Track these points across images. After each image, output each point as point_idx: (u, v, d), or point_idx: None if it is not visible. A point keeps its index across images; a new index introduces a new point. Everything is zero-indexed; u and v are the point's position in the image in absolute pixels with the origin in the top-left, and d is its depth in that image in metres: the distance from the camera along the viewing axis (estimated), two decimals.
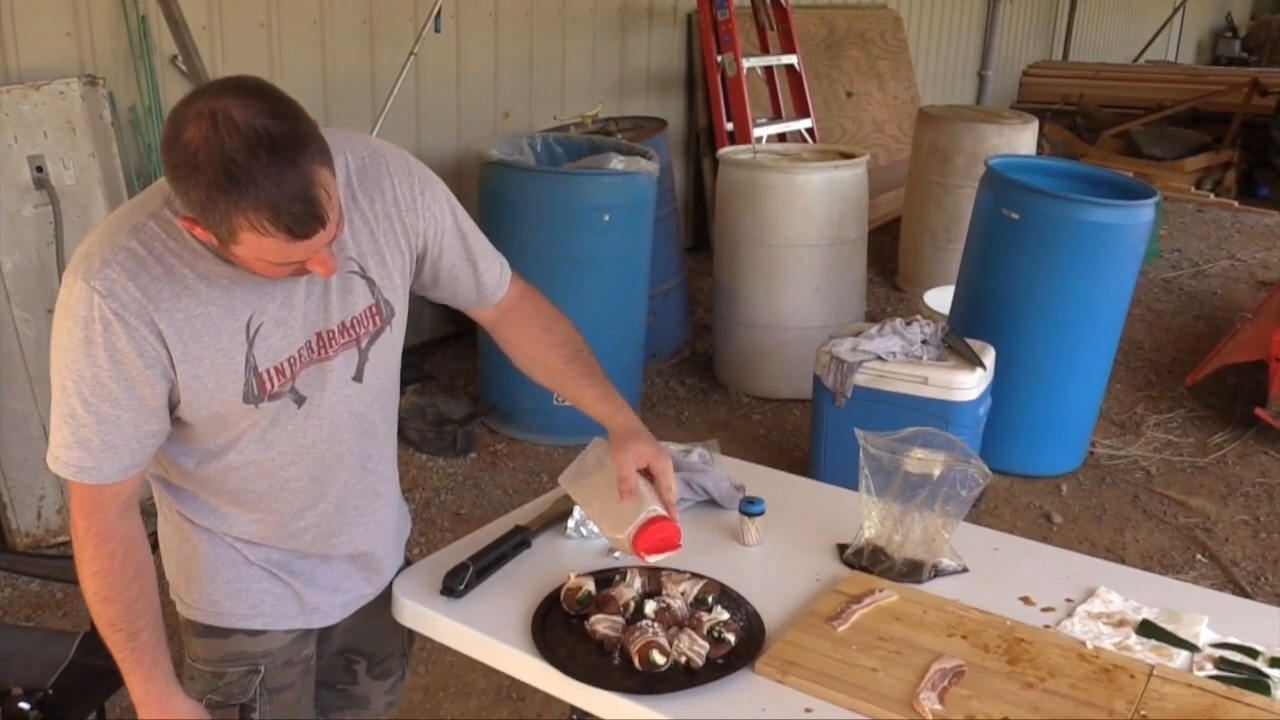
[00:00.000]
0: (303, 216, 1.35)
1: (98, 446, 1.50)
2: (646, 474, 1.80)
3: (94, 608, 1.58)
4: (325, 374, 1.63)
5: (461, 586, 1.81)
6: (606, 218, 4.33)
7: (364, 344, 1.66)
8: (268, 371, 1.56)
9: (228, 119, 1.31)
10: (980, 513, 4.10)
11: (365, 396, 1.70)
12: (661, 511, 1.76)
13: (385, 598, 1.90)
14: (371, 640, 1.99)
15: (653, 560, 1.78)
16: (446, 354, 5.39)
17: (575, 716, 2.04)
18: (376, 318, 1.67)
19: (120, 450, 1.51)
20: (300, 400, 1.62)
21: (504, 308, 1.88)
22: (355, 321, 1.64)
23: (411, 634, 1.98)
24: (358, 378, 1.67)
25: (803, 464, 4.25)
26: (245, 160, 1.30)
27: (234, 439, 1.61)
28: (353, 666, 2.01)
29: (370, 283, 1.64)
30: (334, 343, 1.63)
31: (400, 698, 2.12)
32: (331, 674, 1.99)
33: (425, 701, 3.11)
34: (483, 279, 1.83)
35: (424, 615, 1.82)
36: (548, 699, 2.72)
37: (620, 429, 1.82)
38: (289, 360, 1.58)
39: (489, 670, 1.90)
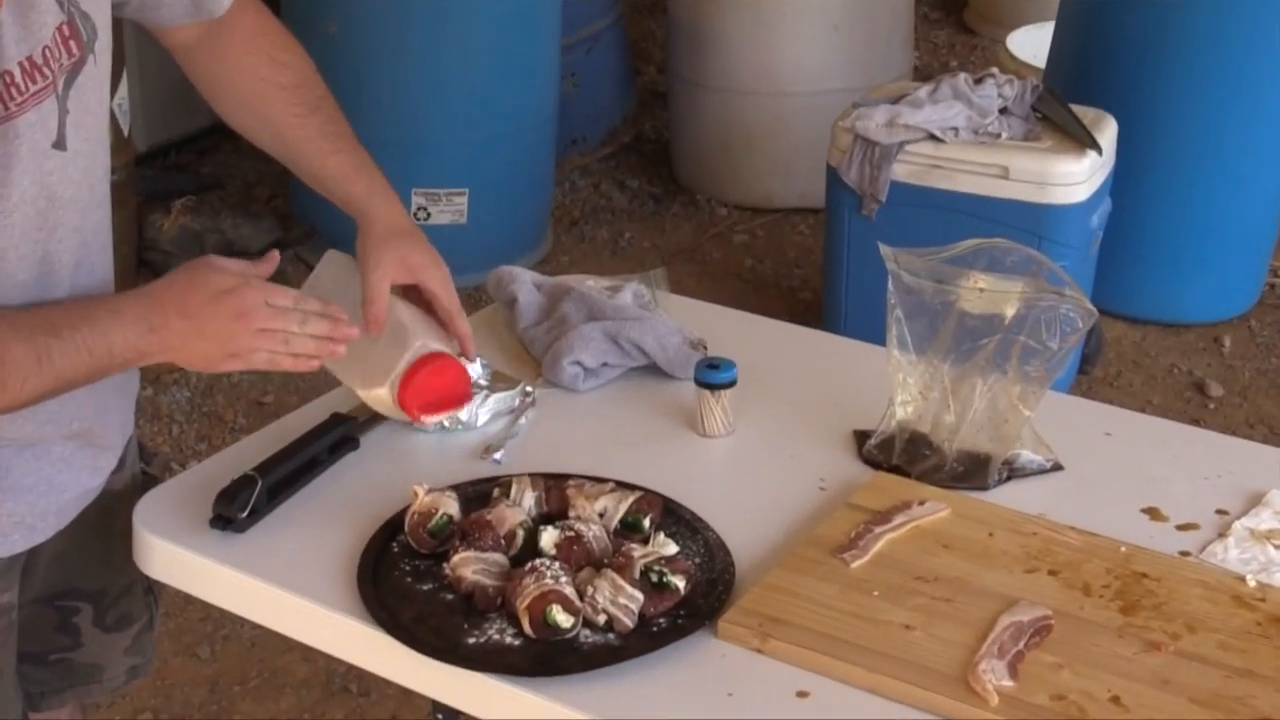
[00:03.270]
0: None
1: None
2: (417, 295, 1.93)
3: (16, 395, 1.66)
4: (11, 142, 1.63)
5: (244, 514, 1.80)
6: None
7: (61, 88, 1.67)
8: None
9: None
10: (1092, 381, 4.16)
11: (71, 171, 1.72)
12: (438, 347, 1.89)
13: (115, 496, 1.93)
14: (98, 570, 2.02)
15: (431, 422, 1.92)
16: (237, 150, 5.34)
17: (439, 716, 2.06)
18: (73, 42, 1.68)
19: None
20: None
21: (213, 23, 1.94)
22: (47, 54, 1.65)
23: None
24: (59, 144, 1.69)
25: (813, 311, 4.26)
26: None
27: None
28: (71, 620, 2.04)
29: None
30: (17, 91, 1.62)
31: (150, 659, 2.17)
32: (40, 638, 2.01)
33: (212, 700, 3.15)
34: None
35: (183, 561, 1.82)
36: (405, 691, 2.76)
37: (378, 221, 1.93)
38: None
39: (312, 651, 1.91)
